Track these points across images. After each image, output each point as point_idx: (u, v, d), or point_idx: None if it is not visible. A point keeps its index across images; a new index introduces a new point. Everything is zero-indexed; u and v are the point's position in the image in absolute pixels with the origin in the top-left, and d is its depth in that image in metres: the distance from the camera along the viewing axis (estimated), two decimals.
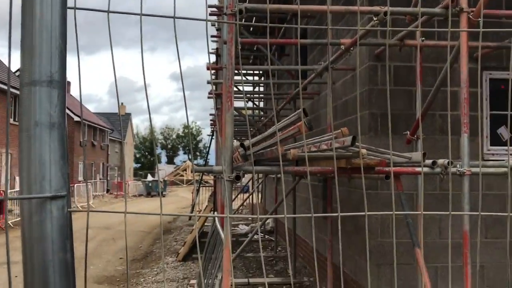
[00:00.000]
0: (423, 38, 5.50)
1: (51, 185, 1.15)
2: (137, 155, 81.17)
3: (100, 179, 43.75)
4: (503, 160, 5.00)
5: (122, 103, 56.91)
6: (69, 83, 38.63)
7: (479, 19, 4.14)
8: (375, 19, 4.14)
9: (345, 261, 7.15)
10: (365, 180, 5.95)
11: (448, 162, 4.03)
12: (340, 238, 2.96)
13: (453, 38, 5.80)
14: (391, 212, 1.71)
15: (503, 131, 6.18)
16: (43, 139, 1.13)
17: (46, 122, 1.14)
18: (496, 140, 6.15)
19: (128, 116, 56.55)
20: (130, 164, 58.69)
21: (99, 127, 44.23)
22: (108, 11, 1.30)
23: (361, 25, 6.34)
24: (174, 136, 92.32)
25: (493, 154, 6.04)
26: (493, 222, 6.05)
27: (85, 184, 31.16)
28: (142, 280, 9.46)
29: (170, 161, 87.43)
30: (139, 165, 79.01)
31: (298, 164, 4.66)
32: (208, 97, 10.39)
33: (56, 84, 1.17)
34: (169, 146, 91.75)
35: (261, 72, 14.63)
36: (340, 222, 6.02)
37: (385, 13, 4.00)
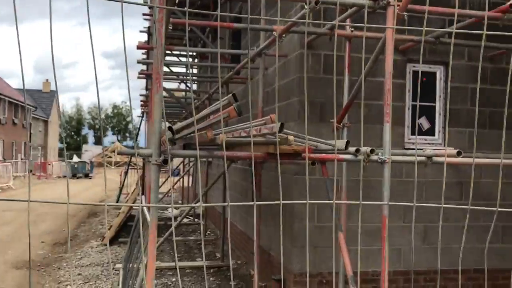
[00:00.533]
0: (352, 29, 5.65)
1: None
2: (63, 134, 77.69)
3: (21, 159, 41.49)
4: (422, 149, 5.29)
5: (47, 80, 54.04)
6: None
7: (405, 13, 4.32)
8: (306, 7, 4.19)
9: (272, 244, 7.30)
10: (293, 166, 6.08)
11: (370, 150, 4.20)
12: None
13: (381, 30, 6.00)
14: (305, 201, 1.74)
15: (423, 122, 6.52)
16: None
17: None
18: (416, 130, 6.48)
19: (53, 94, 53.84)
20: (54, 144, 56.10)
21: (21, 104, 41.78)
22: None
23: (294, 13, 6.40)
24: (103, 116, 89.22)
25: (413, 143, 6.37)
26: (410, 207, 6.39)
27: (4, 164, 29.42)
28: (65, 264, 9.13)
29: (98, 141, 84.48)
30: (65, 145, 75.81)
31: (228, 149, 4.66)
32: (138, 77, 10.10)
33: None
34: (97, 127, 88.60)
35: (194, 54, 14.42)
36: (269, 206, 6.13)
37: (316, 2, 4.05)
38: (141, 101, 15.70)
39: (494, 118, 6.58)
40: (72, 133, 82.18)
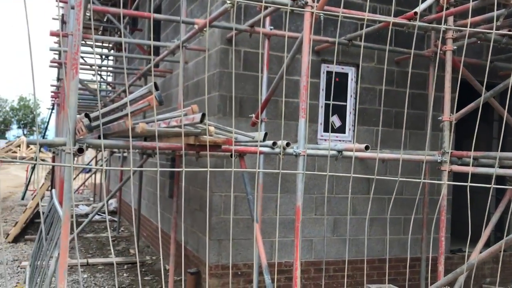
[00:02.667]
0: (271, 27, 5.82)
1: None
2: None
3: None
4: (334, 145, 5.58)
5: None
6: None
7: (321, 13, 4.54)
8: (228, 2, 4.27)
9: (188, 238, 7.31)
10: (212, 158, 6.13)
11: (286, 143, 4.37)
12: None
13: (299, 30, 6.24)
14: (230, 169, 1.82)
15: (335, 120, 6.87)
16: None
17: None
18: (328, 128, 6.81)
19: None
20: None
21: None
22: None
23: (215, 8, 6.46)
24: (7, 108, 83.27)
25: (325, 140, 6.69)
26: (322, 200, 6.71)
27: None
28: None
29: (1, 135, 78.74)
30: None
31: (146, 140, 4.61)
32: (50, 66, 9.60)
33: None
34: (1, 119, 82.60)
35: (110, 44, 13.97)
36: (186, 200, 6.19)
37: None
38: (52, 92, 14.92)
39: (399, 118, 7.09)
40: None
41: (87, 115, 3.38)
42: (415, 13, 4.76)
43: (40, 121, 79.45)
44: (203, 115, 3.43)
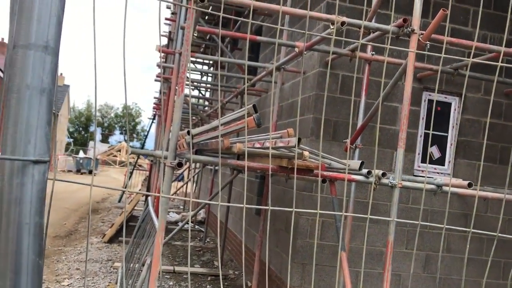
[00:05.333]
0: (373, 53, 5.72)
1: (35, 150, 1.15)
2: (71, 129, 78.15)
3: None
4: (432, 177, 5.31)
5: (61, 74, 54.45)
6: None
7: (427, 43, 4.38)
8: (332, 27, 4.26)
9: (272, 258, 7.31)
10: (301, 182, 6.11)
11: (382, 173, 4.23)
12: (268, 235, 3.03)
13: (401, 57, 6.07)
14: (315, 211, 1.79)
15: (434, 151, 6.55)
16: (32, 103, 1.11)
17: (38, 86, 1.13)
18: (426, 158, 6.51)
19: (66, 88, 54.29)
20: (62, 138, 56.40)
21: None
22: None
23: (317, 32, 6.49)
24: (112, 115, 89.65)
25: (422, 171, 6.39)
26: (414, 234, 6.40)
27: None
28: (63, 258, 9.17)
29: (105, 139, 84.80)
30: (72, 140, 76.16)
31: (239, 158, 4.71)
32: (155, 80, 10.20)
33: (51, 51, 1.15)
34: (106, 125, 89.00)
35: (211, 62, 14.55)
36: (272, 219, 6.21)
37: (342, 23, 4.13)
38: (154, 103, 15.82)
39: (505, 154, 6.60)
40: (80, 129, 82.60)
41: (189, 133, 3.52)
42: None
43: (141, 129, 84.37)
44: (299, 140, 3.43)
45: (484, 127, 6.59)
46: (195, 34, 4.67)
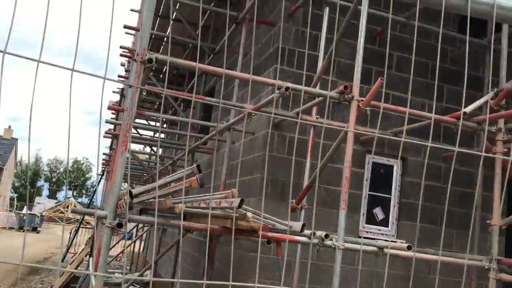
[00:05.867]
0: (317, 116, 5.93)
1: None
2: (16, 184, 74.85)
3: None
4: (376, 239, 5.40)
5: (9, 126, 52.80)
6: None
7: (367, 108, 4.60)
8: (277, 92, 4.42)
9: None
10: (250, 242, 6.06)
11: (325, 235, 4.28)
12: None
13: (345, 120, 6.31)
14: (253, 285, 1.79)
15: (378, 212, 6.70)
16: None
17: None
18: (370, 219, 6.64)
19: (14, 141, 52.52)
20: (5, 193, 53.83)
21: None
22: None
23: (265, 94, 6.69)
24: (61, 170, 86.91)
25: (367, 232, 6.50)
26: None
27: None
28: None
29: (52, 195, 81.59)
30: (16, 195, 72.86)
31: (186, 218, 4.65)
32: (104, 136, 10.11)
33: None
34: (54, 179, 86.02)
35: (164, 119, 14.57)
36: (220, 279, 5.99)
37: (286, 89, 4.29)
38: (104, 159, 15.53)
39: (446, 217, 6.83)
40: (27, 184, 79.33)
41: (130, 193, 3.47)
42: (464, 113, 4.73)
43: (90, 184, 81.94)
44: (242, 200, 3.45)
45: (424, 189, 6.84)
46: (144, 93, 4.70)
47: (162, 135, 15.05)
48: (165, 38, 10.95)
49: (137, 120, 12.49)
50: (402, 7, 7.03)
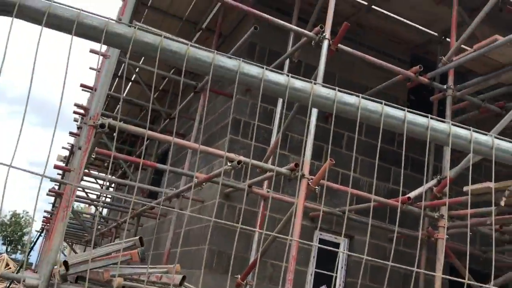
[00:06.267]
0: (268, 190, 5.95)
1: None
2: None
3: None
4: None
5: None
6: None
7: (317, 187, 4.66)
8: (229, 164, 4.42)
9: None
10: None
11: None
12: None
13: (296, 194, 6.35)
14: None
15: None
16: None
17: None
18: None
19: None
20: None
21: None
22: None
23: (218, 163, 6.68)
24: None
25: None
26: None
27: None
28: None
29: None
30: None
31: None
32: (48, 194, 9.69)
33: None
34: None
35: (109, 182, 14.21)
36: None
37: (239, 162, 4.30)
38: (44, 217, 14.81)
39: None
40: None
41: (65, 263, 3.28)
42: (409, 198, 4.87)
43: (27, 240, 77.31)
44: (183, 278, 3.32)
45: (370, 269, 6.86)
46: (93, 156, 4.60)
47: (109, 196, 14.61)
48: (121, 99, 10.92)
49: (84, 182, 12.12)
50: (354, 90, 7.36)
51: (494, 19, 6.80)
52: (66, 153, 14.56)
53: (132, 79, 10.56)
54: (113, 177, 10.79)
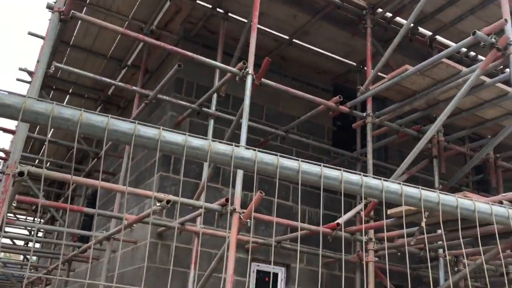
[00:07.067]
0: (202, 226, 5.91)
1: None
2: None
3: None
4: None
5: None
6: None
7: (248, 220, 4.69)
8: (158, 204, 4.36)
9: None
10: None
11: None
12: None
13: (228, 229, 6.34)
14: None
15: None
16: None
17: None
18: None
19: None
20: None
21: None
22: None
23: (149, 202, 6.56)
24: None
25: None
26: None
27: None
28: None
29: None
30: None
31: None
32: None
33: None
34: None
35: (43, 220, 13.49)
36: None
37: (168, 202, 4.25)
38: None
39: None
40: None
41: None
42: (338, 224, 5.02)
43: None
44: None
45: None
46: (14, 204, 4.38)
47: (38, 244, 13.84)
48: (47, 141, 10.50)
49: (10, 229, 11.43)
50: (282, 120, 7.56)
51: (406, 49, 7.29)
52: None
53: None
54: (41, 223, 10.26)
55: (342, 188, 1.36)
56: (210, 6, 6.97)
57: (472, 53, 7.86)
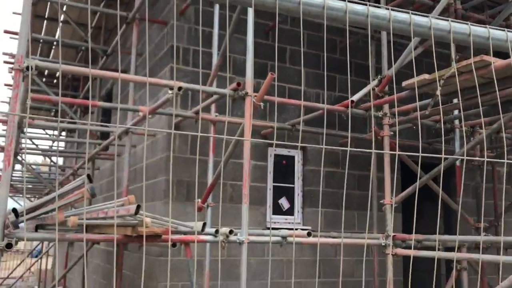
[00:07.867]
0: (216, 114, 5.94)
1: None
2: None
3: None
4: (282, 228, 5.55)
5: None
6: None
7: (261, 103, 4.69)
8: (170, 92, 4.35)
9: None
10: (158, 247, 5.94)
11: (229, 231, 4.30)
12: None
13: (242, 116, 6.39)
14: None
15: (283, 202, 6.89)
16: None
17: None
18: (277, 210, 6.81)
19: None
20: None
21: None
22: None
23: (162, 95, 6.56)
24: None
25: (275, 223, 6.65)
26: (272, 287, 6.54)
27: None
28: None
29: None
30: None
31: (88, 231, 4.45)
32: None
33: None
34: None
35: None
36: (130, 287, 5.76)
37: (179, 88, 4.24)
38: None
39: (346, 200, 7.19)
40: None
41: (14, 211, 3.25)
42: (352, 101, 4.99)
43: None
44: (138, 207, 3.36)
45: (324, 176, 7.14)
46: (28, 102, 4.41)
47: (62, 144, 14.27)
48: (55, 42, 10.35)
49: (31, 131, 11.72)
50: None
51: None
52: (7, 107, 13.93)
53: (61, 19, 9.95)
54: (63, 123, 10.46)
55: (346, 19, 1.29)
56: None
57: None
